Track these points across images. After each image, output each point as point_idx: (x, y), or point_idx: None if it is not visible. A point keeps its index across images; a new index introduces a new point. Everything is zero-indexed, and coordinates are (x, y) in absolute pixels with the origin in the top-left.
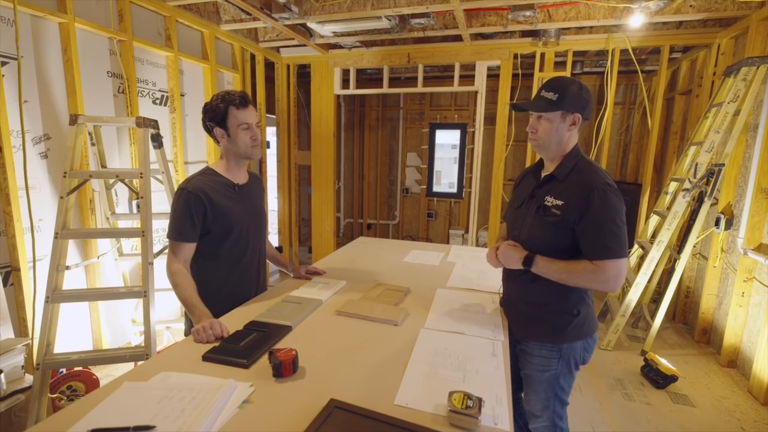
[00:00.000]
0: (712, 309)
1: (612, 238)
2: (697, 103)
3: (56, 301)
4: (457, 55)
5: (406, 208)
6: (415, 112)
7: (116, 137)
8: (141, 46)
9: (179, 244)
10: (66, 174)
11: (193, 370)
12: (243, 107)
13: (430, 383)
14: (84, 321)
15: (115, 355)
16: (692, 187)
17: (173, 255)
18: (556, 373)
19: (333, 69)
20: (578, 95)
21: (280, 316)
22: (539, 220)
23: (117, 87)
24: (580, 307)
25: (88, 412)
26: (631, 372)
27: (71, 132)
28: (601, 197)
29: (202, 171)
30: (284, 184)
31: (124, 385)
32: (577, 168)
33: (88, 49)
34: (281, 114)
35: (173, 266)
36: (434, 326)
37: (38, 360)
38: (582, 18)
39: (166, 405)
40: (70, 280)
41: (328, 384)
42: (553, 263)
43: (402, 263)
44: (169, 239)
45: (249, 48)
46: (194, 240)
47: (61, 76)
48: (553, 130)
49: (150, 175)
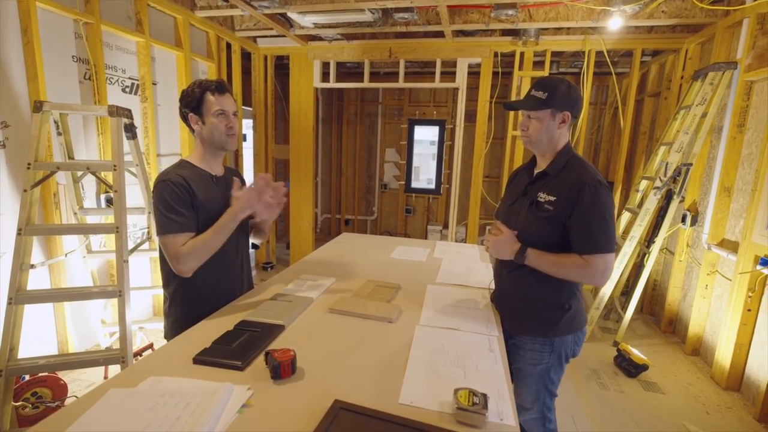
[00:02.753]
0: (677, 301)
1: (600, 233)
2: (666, 105)
3: (20, 302)
4: (439, 52)
5: (385, 204)
6: (394, 107)
7: (82, 127)
8: (109, 30)
9: (179, 235)
10: (30, 165)
11: (183, 373)
12: (219, 93)
13: (432, 381)
14: (48, 322)
15: (88, 358)
16: (662, 186)
17: (175, 247)
18: (547, 367)
19: (313, 61)
20: (567, 94)
21: (272, 315)
22: (532, 216)
23: (83, 73)
24: (572, 302)
25: (69, 425)
26: (605, 362)
27: (35, 120)
28: (592, 193)
29: (177, 164)
30: None
31: (110, 392)
32: (569, 165)
33: (51, 32)
34: (258, 106)
35: (180, 251)
36: (429, 323)
37: (1, 366)
38: (561, 19)
39: (160, 412)
40: (32, 280)
41: (328, 385)
42: (544, 256)
43: (389, 259)
44: (164, 235)
45: (225, 37)
46: (193, 229)
47: (20, 59)
48: (543, 128)
49: (123, 167)
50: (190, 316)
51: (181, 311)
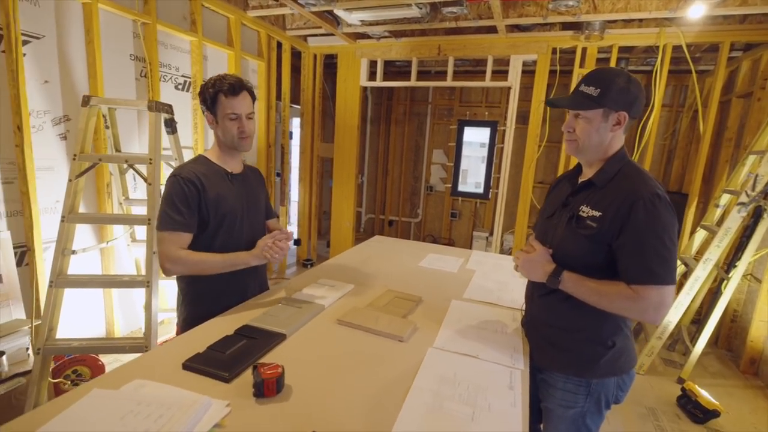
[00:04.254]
0: (762, 337)
1: (657, 259)
2: (759, 107)
3: (59, 286)
4: (491, 48)
5: (429, 207)
6: (444, 107)
7: (137, 121)
8: (165, 30)
9: (176, 234)
10: (76, 156)
11: (170, 379)
12: (232, 95)
13: (432, 418)
14: (99, 306)
15: (115, 345)
16: (749, 201)
17: (172, 244)
18: (582, 411)
19: (360, 60)
20: (625, 89)
21: (276, 322)
22: (571, 233)
23: (139, 70)
24: (616, 338)
25: (50, 419)
26: (665, 401)
27: (83, 114)
28: (648, 209)
29: (194, 159)
30: (306, 175)
31: (92, 391)
32: (622, 173)
33: (111, 31)
34: (306, 105)
35: (178, 253)
36: (444, 346)
37: (39, 345)
38: (632, 9)
39: (130, 422)
40: (86, 264)
41: (314, 410)
42: (583, 282)
43: (417, 268)
44: (161, 231)
45: (276, 36)
46: (192, 229)
47: (83, 57)
48: (592, 130)
49: (160, 161)
50: (198, 314)
51: (190, 309)
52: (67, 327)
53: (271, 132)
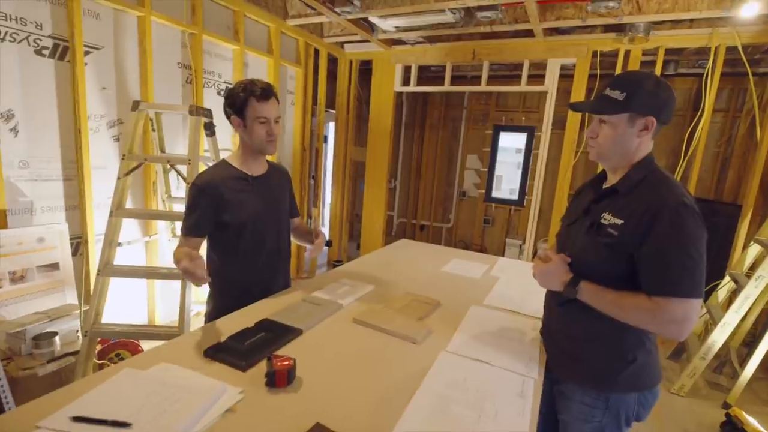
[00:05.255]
0: None
1: (682, 271)
2: None
3: (106, 275)
4: (527, 52)
5: (462, 212)
6: (479, 112)
7: (181, 125)
8: (210, 39)
9: (188, 238)
10: (124, 156)
11: (192, 364)
12: (263, 100)
13: (436, 420)
14: (143, 296)
15: (151, 332)
16: None
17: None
18: (600, 426)
19: (395, 65)
20: (653, 93)
21: (294, 318)
22: (591, 241)
23: (186, 77)
24: (638, 353)
25: (84, 392)
26: (707, 426)
27: (132, 117)
28: (673, 219)
29: (216, 164)
30: (339, 179)
31: (124, 370)
32: (647, 181)
33: (162, 41)
34: (341, 110)
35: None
36: (457, 350)
37: (86, 328)
38: (680, 9)
39: (152, 400)
40: (132, 256)
41: (321, 404)
42: (602, 293)
43: (439, 272)
44: (180, 233)
45: (313, 43)
46: (202, 234)
47: (136, 65)
48: (616, 136)
49: (198, 161)
50: (223, 306)
51: (217, 301)
52: (115, 314)
53: (307, 136)
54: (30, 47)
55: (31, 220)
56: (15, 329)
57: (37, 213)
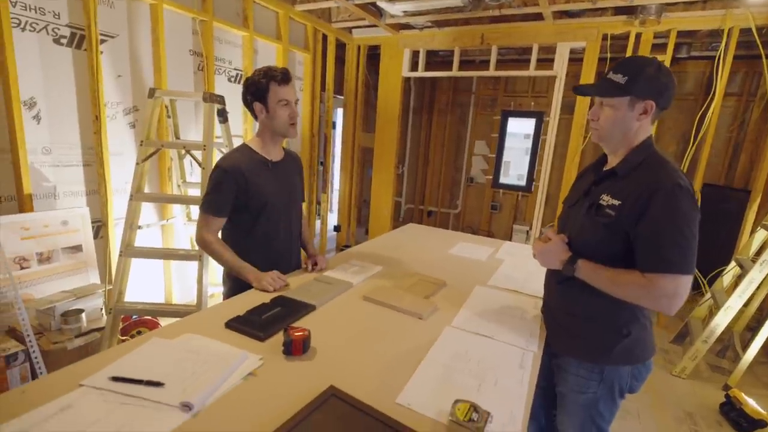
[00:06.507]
0: None
1: (673, 248)
2: None
3: (127, 256)
4: (537, 36)
5: (470, 198)
6: (488, 97)
7: (193, 111)
8: (220, 26)
9: (211, 217)
10: (142, 143)
11: (214, 335)
12: (284, 84)
13: (440, 386)
14: (160, 277)
15: (171, 310)
16: None
17: (205, 226)
18: (595, 397)
19: (403, 50)
20: (654, 77)
21: (308, 294)
22: (590, 221)
23: (197, 65)
24: (632, 327)
25: (117, 358)
26: (707, 407)
27: (149, 104)
28: (668, 199)
29: (238, 148)
30: (347, 164)
31: (152, 339)
32: (645, 164)
33: (174, 29)
34: (349, 95)
35: (207, 236)
36: (461, 325)
37: (110, 305)
38: None
39: (181, 365)
40: (149, 238)
41: (334, 370)
42: (599, 270)
43: (446, 255)
44: (201, 211)
45: (321, 29)
46: (225, 215)
47: (149, 53)
48: (617, 119)
49: (212, 147)
50: (238, 287)
51: (234, 280)
52: (134, 293)
53: (315, 122)
54: (49, 36)
55: (55, 204)
56: (45, 306)
57: (60, 197)
